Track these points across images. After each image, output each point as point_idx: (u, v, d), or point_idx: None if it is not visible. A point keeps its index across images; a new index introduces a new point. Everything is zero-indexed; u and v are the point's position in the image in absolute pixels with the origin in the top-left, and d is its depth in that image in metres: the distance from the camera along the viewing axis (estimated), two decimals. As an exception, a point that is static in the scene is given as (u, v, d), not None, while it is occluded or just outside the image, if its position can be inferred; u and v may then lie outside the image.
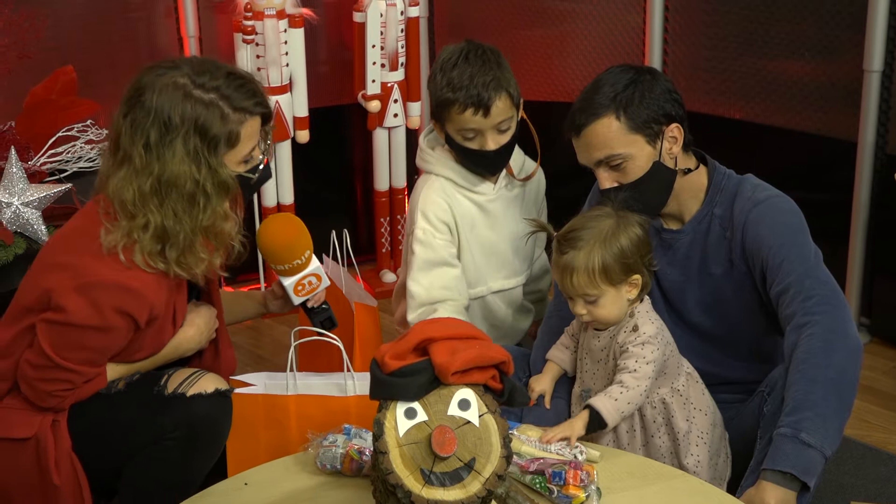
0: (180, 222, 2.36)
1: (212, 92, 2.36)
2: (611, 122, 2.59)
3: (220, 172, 2.38)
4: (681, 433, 2.55)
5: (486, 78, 2.81)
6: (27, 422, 2.42)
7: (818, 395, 2.36)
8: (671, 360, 2.56)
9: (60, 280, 2.35)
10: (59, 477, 2.41)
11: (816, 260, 2.57)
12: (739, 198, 2.67)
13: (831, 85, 3.73)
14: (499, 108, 2.84)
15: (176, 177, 2.34)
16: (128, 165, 2.35)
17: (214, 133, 2.35)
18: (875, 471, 3.12)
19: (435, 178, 3.01)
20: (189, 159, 2.34)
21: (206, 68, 2.39)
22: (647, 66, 2.67)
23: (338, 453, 2.31)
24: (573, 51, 4.25)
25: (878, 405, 3.50)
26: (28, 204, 3.12)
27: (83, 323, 2.33)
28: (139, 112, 2.34)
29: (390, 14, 4.01)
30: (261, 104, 2.43)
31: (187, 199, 2.36)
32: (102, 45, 3.92)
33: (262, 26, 3.80)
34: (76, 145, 3.42)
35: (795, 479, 2.30)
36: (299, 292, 2.66)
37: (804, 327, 2.45)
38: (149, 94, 2.34)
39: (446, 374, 1.94)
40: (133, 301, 2.35)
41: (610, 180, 2.63)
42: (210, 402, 2.45)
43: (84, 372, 2.39)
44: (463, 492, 1.89)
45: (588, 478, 2.21)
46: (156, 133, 2.33)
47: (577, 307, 2.53)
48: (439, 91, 2.87)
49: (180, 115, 2.33)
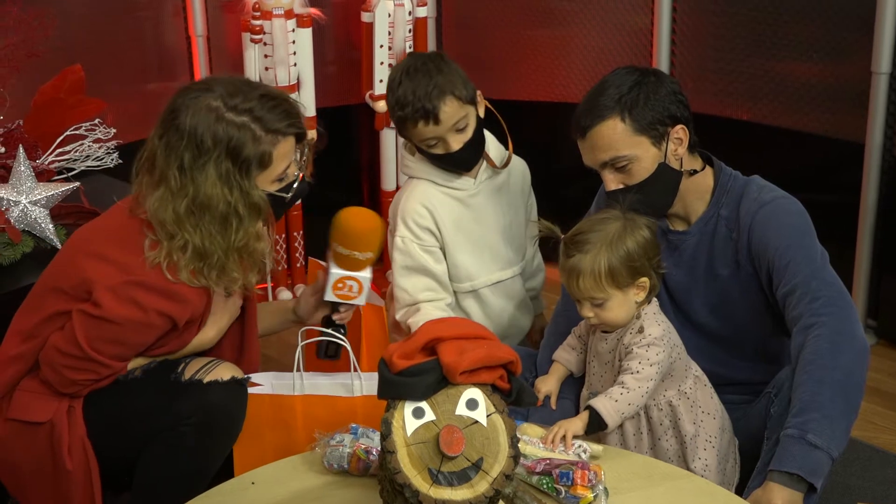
0: (215, 242, 2.41)
1: (244, 114, 2.40)
2: (616, 123, 2.59)
3: (252, 194, 2.42)
4: (688, 436, 2.55)
5: (428, 88, 2.87)
6: (44, 406, 2.46)
7: (825, 397, 2.36)
8: (678, 363, 2.56)
9: (106, 273, 2.40)
10: (72, 462, 2.46)
11: (823, 261, 2.57)
12: (745, 199, 2.67)
13: (839, 86, 3.73)
14: (447, 113, 2.88)
15: (209, 199, 2.39)
16: (164, 186, 2.40)
17: (246, 155, 2.39)
18: (882, 473, 3.12)
19: (417, 183, 3.07)
20: (221, 182, 2.39)
21: (239, 89, 2.43)
22: (653, 67, 2.67)
23: (345, 453, 2.31)
24: (580, 51, 4.25)
25: (885, 407, 3.49)
26: (36, 203, 3.12)
27: (124, 320, 2.39)
28: (173, 134, 2.39)
29: (398, 14, 4.02)
30: (294, 125, 2.46)
31: (220, 220, 2.41)
32: (110, 45, 3.93)
33: (271, 26, 3.80)
34: (84, 144, 3.42)
35: (802, 481, 2.30)
36: (338, 289, 2.67)
37: (811, 328, 2.45)
38: (182, 116, 2.39)
39: (454, 374, 1.94)
40: (177, 306, 2.42)
41: (615, 182, 2.63)
42: (226, 390, 2.47)
43: (112, 366, 2.44)
44: (471, 491, 1.89)
45: (596, 478, 2.21)
46: (189, 156, 2.38)
47: (585, 310, 2.53)
48: (391, 111, 2.96)
49: (212, 137, 2.37)
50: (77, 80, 3.40)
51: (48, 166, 3.34)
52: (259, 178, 2.44)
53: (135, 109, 3.99)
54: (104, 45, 3.90)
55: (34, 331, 2.48)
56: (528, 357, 2.86)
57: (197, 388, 2.46)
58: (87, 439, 2.46)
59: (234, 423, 2.51)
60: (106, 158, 3.44)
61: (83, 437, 2.46)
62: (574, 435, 2.40)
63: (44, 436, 2.46)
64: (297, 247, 4.23)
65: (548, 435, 2.38)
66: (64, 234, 3.16)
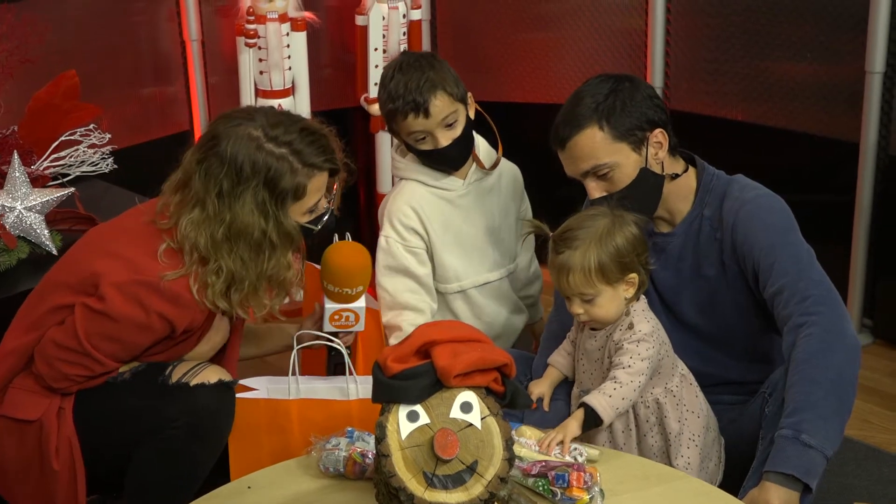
0: (247, 269, 2.46)
1: (283, 147, 2.44)
2: (594, 132, 2.60)
3: (285, 224, 2.47)
4: (673, 434, 2.56)
5: (420, 82, 2.90)
6: (35, 405, 2.48)
7: (818, 396, 2.36)
8: (666, 361, 2.57)
9: (115, 269, 2.42)
10: (59, 462, 2.47)
11: (809, 259, 2.57)
12: (728, 198, 2.67)
13: (833, 86, 3.73)
14: (438, 107, 2.91)
15: (245, 226, 2.43)
16: (200, 209, 2.44)
17: (283, 186, 2.44)
18: (878, 472, 3.12)
19: (406, 184, 3.09)
20: (258, 210, 2.44)
21: (280, 121, 2.48)
22: (626, 73, 2.69)
23: (340, 456, 2.31)
24: (575, 53, 4.26)
25: (880, 406, 3.50)
26: (31, 208, 3.12)
27: (125, 318, 2.41)
28: (213, 161, 2.43)
29: (392, 17, 4.02)
30: (330, 160, 2.52)
31: (254, 247, 2.45)
32: (105, 50, 3.93)
33: (265, 30, 3.81)
34: (79, 149, 3.42)
35: (798, 481, 2.30)
36: (334, 321, 2.72)
37: (801, 328, 2.45)
38: (224, 143, 2.43)
39: (448, 377, 1.94)
40: (179, 312, 2.44)
41: (599, 190, 2.64)
42: (213, 393, 2.48)
43: (106, 364, 2.46)
44: (465, 494, 1.89)
45: (591, 480, 2.22)
46: (228, 183, 2.42)
47: (574, 307, 2.54)
48: (382, 105, 2.99)
49: (251, 166, 2.42)
50: (72, 86, 3.40)
51: (43, 172, 3.34)
52: (292, 209, 2.48)
53: (130, 114, 4.00)
54: (98, 51, 3.90)
55: (35, 323, 2.51)
56: (523, 360, 2.87)
57: (184, 391, 2.47)
58: (75, 440, 2.47)
59: (222, 426, 2.52)
60: (101, 164, 3.44)
61: (71, 438, 2.47)
62: (572, 438, 2.40)
63: (33, 434, 2.48)
64: (294, 250, 4.23)
65: (544, 440, 2.39)
66: (59, 240, 3.17)
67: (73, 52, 3.79)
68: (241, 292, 2.47)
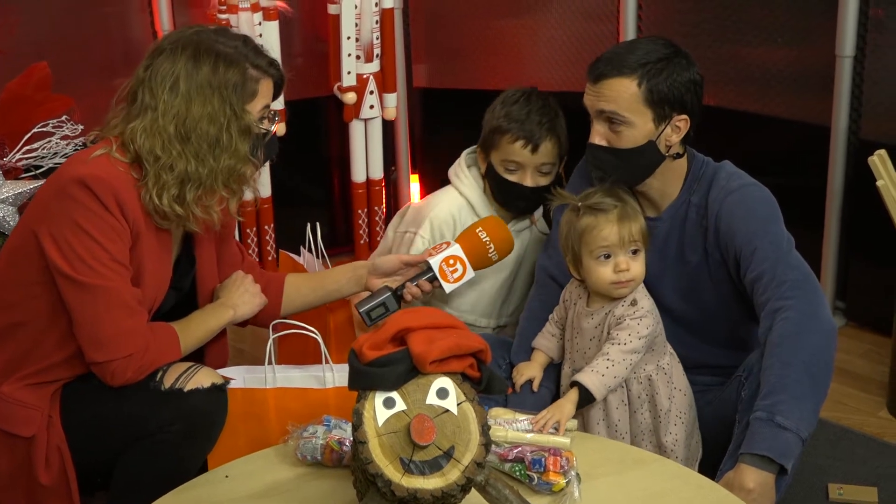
0: (203, 164, 2.41)
1: (231, 48, 2.45)
2: (631, 84, 2.60)
3: (244, 117, 2.44)
4: (662, 411, 2.59)
5: (543, 119, 2.95)
6: (29, 419, 2.41)
7: (792, 378, 2.38)
8: (659, 339, 2.60)
9: (44, 213, 2.37)
10: (48, 476, 2.42)
11: (789, 247, 2.59)
12: (714, 187, 2.69)
13: (804, 70, 3.75)
14: (546, 149, 2.95)
15: (200, 117, 2.39)
16: (150, 112, 2.40)
17: (238, 77, 2.43)
18: (852, 452, 3.14)
19: (456, 196, 3.09)
20: (217, 100, 2.40)
21: (225, 31, 2.51)
22: (686, 51, 2.69)
23: (318, 444, 2.31)
24: (548, 39, 4.26)
25: (854, 388, 3.52)
26: (4, 200, 3.11)
27: (63, 214, 2.34)
28: (164, 58, 2.41)
29: (365, 5, 4.01)
30: (274, 66, 2.52)
31: (212, 142, 2.41)
32: (76, 41, 3.91)
33: (237, 20, 3.79)
34: (51, 141, 3.40)
35: (773, 462, 2.32)
36: (448, 263, 2.80)
37: (778, 312, 2.47)
38: (172, 42, 2.43)
39: (424, 364, 1.94)
40: (99, 185, 2.34)
41: (602, 137, 2.65)
42: (207, 397, 2.45)
43: (115, 279, 2.36)
44: (442, 480, 1.90)
45: (568, 464, 2.23)
46: (184, 72, 2.39)
47: (621, 263, 2.53)
48: (495, 120, 3.00)
49: (206, 50, 2.41)
50: (43, 77, 3.39)
51: (16, 164, 3.32)
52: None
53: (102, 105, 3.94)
54: (70, 42, 3.88)
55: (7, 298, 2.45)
56: (500, 344, 2.87)
57: (178, 396, 2.42)
58: (65, 447, 2.42)
59: (215, 428, 2.50)
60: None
61: (61, 446, 2.41)
62: (568, 418, 2.42)
63: (23, 447, 2.42)
64: (269, 240, 4.23)
65: (538, 421, 2.39)
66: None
67: (45, 44, 3.78)
68: (195, 191, 2.41)
